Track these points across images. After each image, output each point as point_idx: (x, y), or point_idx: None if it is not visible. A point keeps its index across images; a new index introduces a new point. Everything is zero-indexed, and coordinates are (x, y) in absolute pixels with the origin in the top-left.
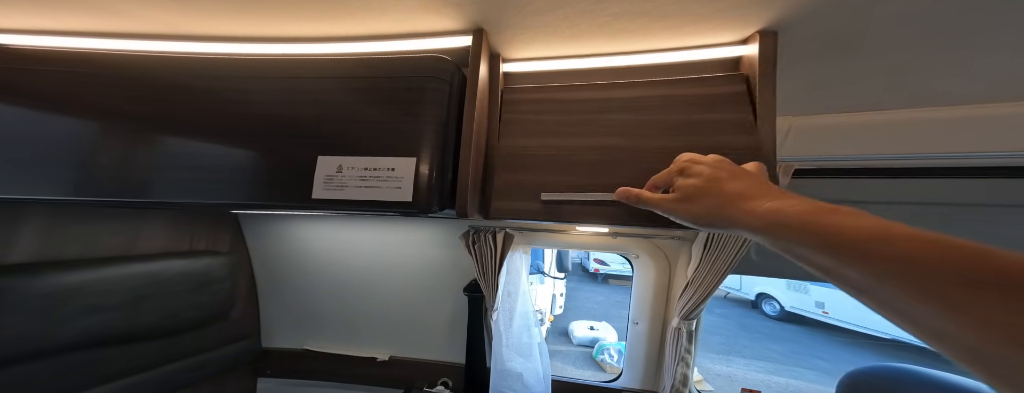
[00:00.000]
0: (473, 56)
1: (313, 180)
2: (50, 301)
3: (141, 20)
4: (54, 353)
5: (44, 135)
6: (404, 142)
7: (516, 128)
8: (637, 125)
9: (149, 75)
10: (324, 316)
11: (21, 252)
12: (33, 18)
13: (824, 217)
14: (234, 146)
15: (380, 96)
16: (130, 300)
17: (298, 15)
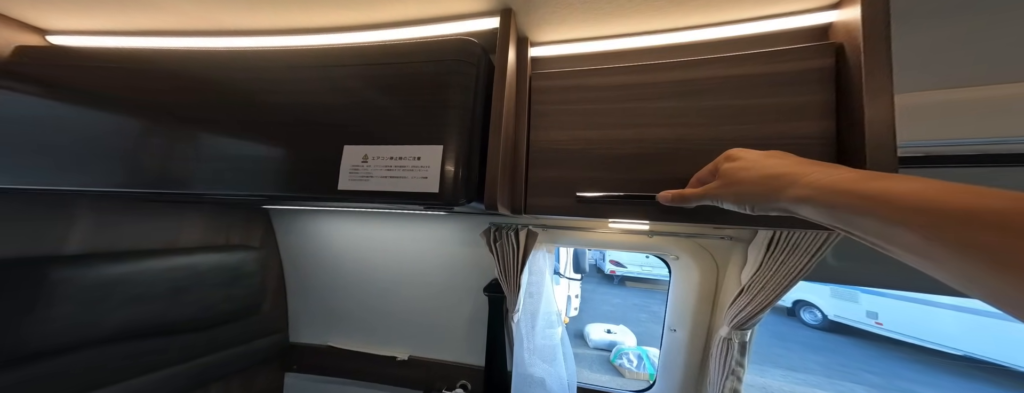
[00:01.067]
0: (501, 38)
1: (339, 170)
2: (99, 292)
3: (182, 15)
4: (99, 343)
5: (94, 129)
6: (431, 129)
7: (548, 120)
8: (690, 112)
9: (186, 70)
10: (346, 313)
11: (76, 244)
12: (88, 19)
13: (876, 181)
14: (263, 137)
15: (405, 81)
16: (170, 292)
17: (327, 5)
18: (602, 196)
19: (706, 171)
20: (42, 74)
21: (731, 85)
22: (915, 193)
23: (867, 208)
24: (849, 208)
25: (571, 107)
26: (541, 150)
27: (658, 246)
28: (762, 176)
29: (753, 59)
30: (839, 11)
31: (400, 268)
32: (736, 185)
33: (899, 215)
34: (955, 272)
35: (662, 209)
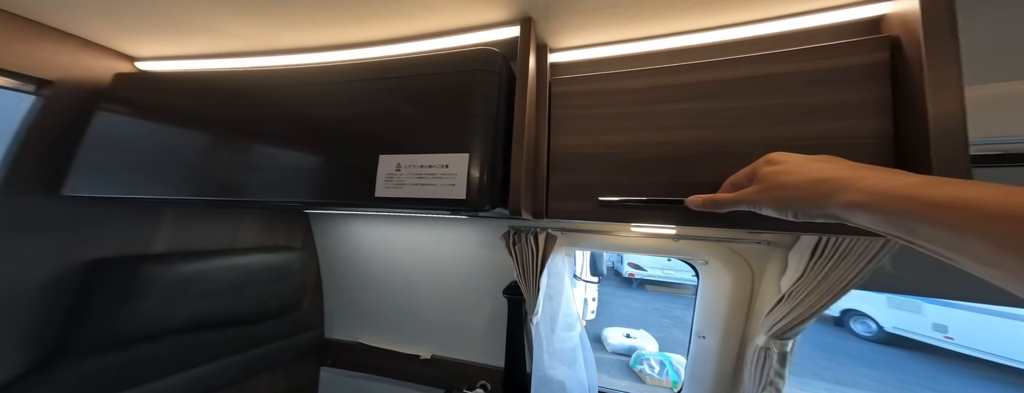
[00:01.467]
0: (521, 47)
1: (376, 179)
2: (177, 287)
3: (241, 39)
4: (175, 332)
5: (173, 144)
6: (457, 138)
7: (568, 125)
8: (718, 114)
9: (244, 88)
10: (375, 311)
11: (160, 244)
12: (166, 46)
13: (943, 187)
14: (311, 149)
15: (432, 93)
16: (230, 288)
17: (359, 22)
18: (625, 200)
19: (742, 175)
20: (135, 97)
21: (764, 84)
22: (991, 200)
23: (934, 215)
24: (912, 215)
25: (593, 112)
26: (562, 155)
27: (685, 250)
28: (808, 180)
29: (788, 57)
30: (893, 3)
31: (424, 269)
32: (778, 190)
33: (972, 223)
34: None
35: (691, 214)
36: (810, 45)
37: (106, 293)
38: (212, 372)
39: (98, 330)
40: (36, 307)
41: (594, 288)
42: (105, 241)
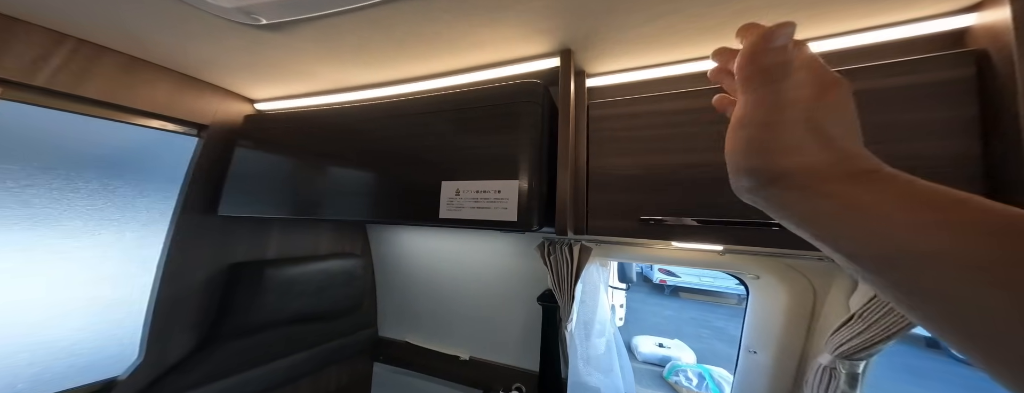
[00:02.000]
0: (562, 77)
1: (439, 201)
2: (285, 286)
3: (325, 80)
4: (282, 324)
5: (280, 172)
6: (507, 165)
7: (607, 147)
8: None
9: (331, 123)
10: (420, 313)
11: (272, 252)
12: (275, 89)
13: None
14: (384, 175)
15: (484, 124)
16: (316, 289)
17: (419, 59)
18: (670, 220)
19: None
20: (257, 135)
21: None
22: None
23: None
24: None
25: (634, 133)
26: (601, 175)
27: (732, 264)
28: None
29: (861, 73)
30: (979, 14)
31: (463, 276)
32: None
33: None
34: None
35: (743, 235)
36: (883, 61)
37: (241, 290)
38: (302, 360)
39: (237, 319)
40: (199, 299)
41: (622, 295)
42: (239, 249)
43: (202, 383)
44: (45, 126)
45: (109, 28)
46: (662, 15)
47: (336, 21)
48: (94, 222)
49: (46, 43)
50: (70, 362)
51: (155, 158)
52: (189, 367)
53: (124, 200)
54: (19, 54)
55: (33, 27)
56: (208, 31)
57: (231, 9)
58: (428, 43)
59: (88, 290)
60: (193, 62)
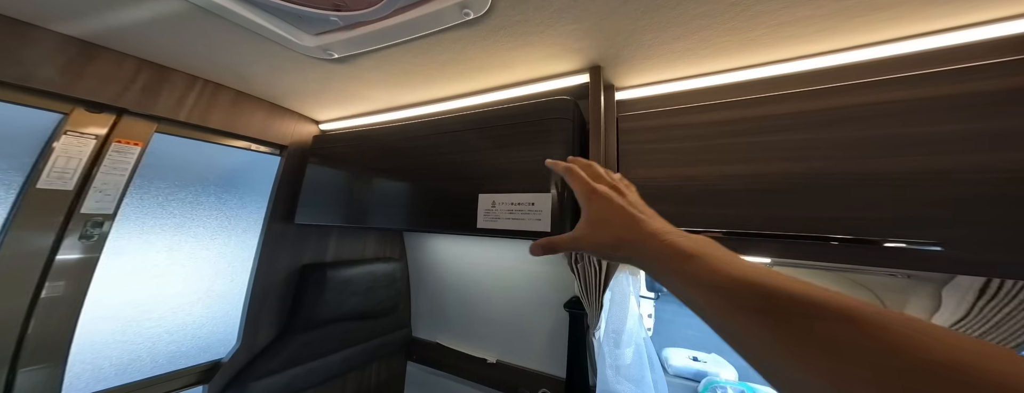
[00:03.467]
0: (593, 92)
1: (477, 213)
2: (341, 286)
3: (379, 102)
4: (339, 321)
5: (339, 186)
6: (540, 179)
7: (638, 158)
8: (828, 145)
9: (383, 140)
10: (451, 316)
11: (330, 255)
12: (337, 111)
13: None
14: (428, 187)
15: (518, 140)
16: (365, 290)
17: (456, 79)
18: (710, 232)
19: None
20: (322, 152)
21: (891, 111)
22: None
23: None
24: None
25: (665, 145)
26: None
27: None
28: (612, 239)
29: (924, 80)
30: None
31: (492, 281)
32: (591, 244)
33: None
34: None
35: (792, 248)
36: (950, 67)
37: (309, 289)
38: (352, 355)
39: (305, 314)
40: (279, 295)
41: (650, 304)
42: (308, 252)
43: (280, 370)
44: (180, 153)
45: (225, 69)
46: (697, 30)
47: (390, 51)
48: (213, 229)
49: (185, 85)
50: (193, 343)
51: (250, 175)
52: (272, 354)
53: (231, 211)
54: (169, 95)
55: (177, 73)
56: (295, 67)
57: (313, 47)
58: (466, 65)
59: (207, 284)
60: (280, 93)
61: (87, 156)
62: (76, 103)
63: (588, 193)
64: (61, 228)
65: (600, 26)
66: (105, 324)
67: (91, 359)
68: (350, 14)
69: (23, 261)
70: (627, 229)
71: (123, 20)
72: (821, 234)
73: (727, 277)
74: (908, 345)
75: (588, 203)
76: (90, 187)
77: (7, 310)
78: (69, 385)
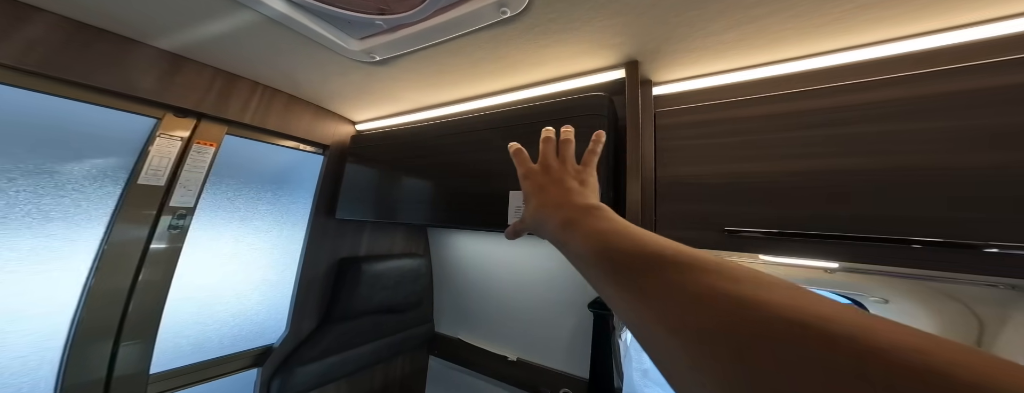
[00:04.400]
0: (630, 88)
1: (507, 210)
2: (373, 280)
3: (409, 102)
4: (370, 313)
5: (372, 183)
6: None
7: (678, 155)
8: (914, 137)
9: (416, 139)
10: (473, 313)
11: (363, 249)
12: (369, 112)
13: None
14: (459, 185)
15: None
16: (394, 283)
17: (487, 78)
18: (766, 232)
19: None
20: (359, 152)
21: (988, 99)
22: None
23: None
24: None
25: (710, 141)
26: (671, 185)
27: (845, 284)
28: (534, 209)
29: (1005, 68)
30: None
31: (514, 279)
32: (527, 218)
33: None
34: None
35: (869, 253)
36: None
37: (346, 281)
38: (380, 347)
39: (342, 305)
40: (321, 286)
41: None
42: (344, 247)
43: (320, 357)
44: (243, 152)
45: (281, 75)
46: (755, 19)
47: (426, 52)
48: (269, 222)
49: (249, 91)
50: (251, 328)
51: (299, 173)
52: (313, 342)
53: (283, 206)
54: (236, 100)
55: (243, 80)
56: (340, 70)
57: (358, 51)
58: (497, 64)
59: (262, 274)
60: (324, 95)
61: (174, 156)
62: (167, 109)
63: (520, 176)
64: (155, 219)
65: (640, 20)
66: (184, 306)
67: (172, 338)
68: (393, 17)
69: (127, 249)
70: (540, 205)
71: (206, 34)
72: (900, 236)
73: (592, 247)
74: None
75: (522, 185)
76: (177, 183)
77: (115, 291)
78: (156, 360)
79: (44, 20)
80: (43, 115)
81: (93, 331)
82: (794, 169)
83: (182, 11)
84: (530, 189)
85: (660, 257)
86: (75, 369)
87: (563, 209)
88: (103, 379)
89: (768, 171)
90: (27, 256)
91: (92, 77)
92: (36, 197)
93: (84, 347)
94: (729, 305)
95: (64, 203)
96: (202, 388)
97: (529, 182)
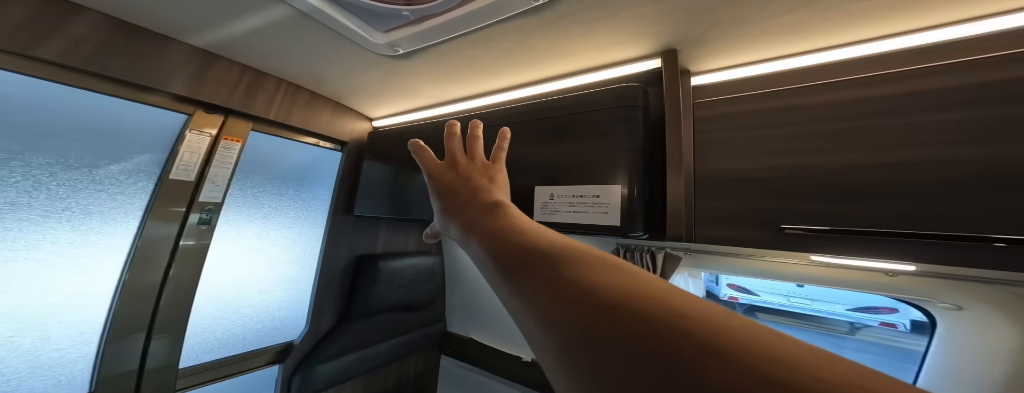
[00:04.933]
0: (668, 79)
1: (533, 206)
2: (389, 278)
3: (428, 98)
4: (386, 311)
5: (388, 179)
6: (605, 170)
7: (719, 149)
8: (978, 125)
9: (428, 135)
10: (485, 312)
11: (380, 247)
12: (393, 108)
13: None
14: None
15: (579, 130)
16: (409, 281)
17: (511, 71)
18: (833, 230)
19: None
20: (376, 148)
21: None
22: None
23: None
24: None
25: (763, 132)
26: (713, 179)
27: (911, 289)
28: (437, 213)
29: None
30: None
31: None
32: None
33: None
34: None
35: (950, 252)
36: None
37: (364, 279)
38: (396, 345)
39: (359, 302)
40: (340, 283)
41: None
42: (362, 244)
43: (339, 355)
44: (267, 149)
45: (305, 72)
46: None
47: (449, 44)
48: (291, 218)
49: (273, 88)
50: (274, 324)
51: (318, 170)
52: (333, 339)
53: (304, 202)
54: (262, 97)
55: (269, 77)
56: (362, 65)
57: (382, 44)
58: (522, 56)
59: (284, 270)
60: (345, 92)
61: (203, 151)
62: (198, 105)
63: (425, 175)
64: (185, 213)
65: (685, 5)
66: (211, 301)
67: (200, 333)
68: (420, 7)
69: (159, 243)
70: (445, 208)
71: (238, 30)
72: (982, 234)
73: (488, 247)
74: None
75: (427, 184)
76: (205, 179)
77: (147, 285)
78: (184, 355)
79: (88, 18)
80: (82, 111)
81: (127, 325)
82: (864, 162)
83: (219, 6)
84: (437, 188)
85: (541, 253)
86: (110, 362)
87: (469, 208)
88: (136, 371)
89: (827, 164)
90: (66, 249)
91: (130, 74)
92: (75, 191)
93: (118, 341)
94: (581, 292)
95: (101, 197)
96: (227, 384)
97: (435, 181)
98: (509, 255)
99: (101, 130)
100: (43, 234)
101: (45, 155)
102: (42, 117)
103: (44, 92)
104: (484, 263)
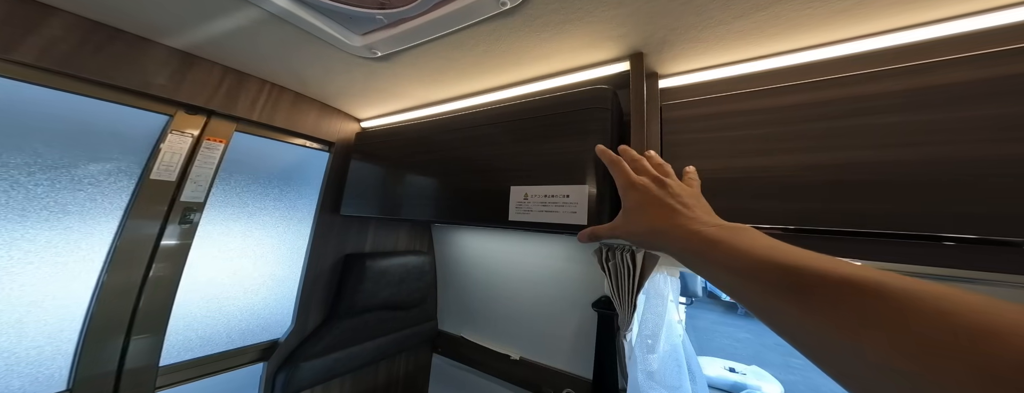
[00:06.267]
0: (634, 80)
1: (508, 205)
2: (377, 276)
3: (413, 98)
4: (375, 309)
5: (377, 180)
6: (576, 171)
7: (686, 150)
8: (954, 126)
9: (419, 136)
10: (475, 310)
11: (369, 246)
12: (379, 109)
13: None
14: (462, 181)
15: (552, 131)
16: (398, 280)
17: (489, 73)
18: (787, 229)
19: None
20: (363, 148)
21: (996, 89)
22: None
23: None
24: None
25: (724, 134)
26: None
27: None
28: (647, 230)
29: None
30: None
31: (517, 277)
32: (631, 233)
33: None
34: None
35: (899, 249)
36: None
37: (351, 277)
38: (384, 344)
39: (347, 301)
40: (326, 282)
41: (682, 309)
42: (350, 243)
43: (325, 353)
44: (252, 150)
45: (287, 73)
46: (769, 5)
47: (427, 47)
48: (276, 218)
49: (257, 89)
50: (258, 322)
51: (305, 170)
52: (318, 337)
53: (291, 202)
54: (245, 98)
55: (252, 78)
56: (344, 67)
57: (360, 47)
58: (499, 58)
59: (270, 269)
60: (330, 93)
61: (185, 152)
62: (179, 106)
63: (626, 185)
64: (166, 213)
65: (644, 9)
66: (194, 300)
67: (182, 331)
68: (393, 11)
69: (139, 243)
70: (661, 219)
71: (214, 31)
72: (932, 233)
73: (752, 259)
74: (929, 310)
75: (626, 194)
76: (187, 179)
77: (126, 286)
78: (165, 353)
79: (62, 20)
80: (60, 112)
81: (106, 324)
82: (813, 162)
83: (191, 8)
84: (641, 201)
85: (857, 281)
86: (88, 360)
87: (696, 224)
88: (115, 371)
89: (785, 165)
90: (44, 248)
91: (108, 75)
92: (53, 191)
93: (97, 339)
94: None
95: (80, 197)
96: (210, 381)
97: (638, 194)
98: (781, 277)
99: (80, 131)
100: (21, 233)
101: (23, 155)
102: (19, 119)
103: (21, 94)
104: (738, 281)
